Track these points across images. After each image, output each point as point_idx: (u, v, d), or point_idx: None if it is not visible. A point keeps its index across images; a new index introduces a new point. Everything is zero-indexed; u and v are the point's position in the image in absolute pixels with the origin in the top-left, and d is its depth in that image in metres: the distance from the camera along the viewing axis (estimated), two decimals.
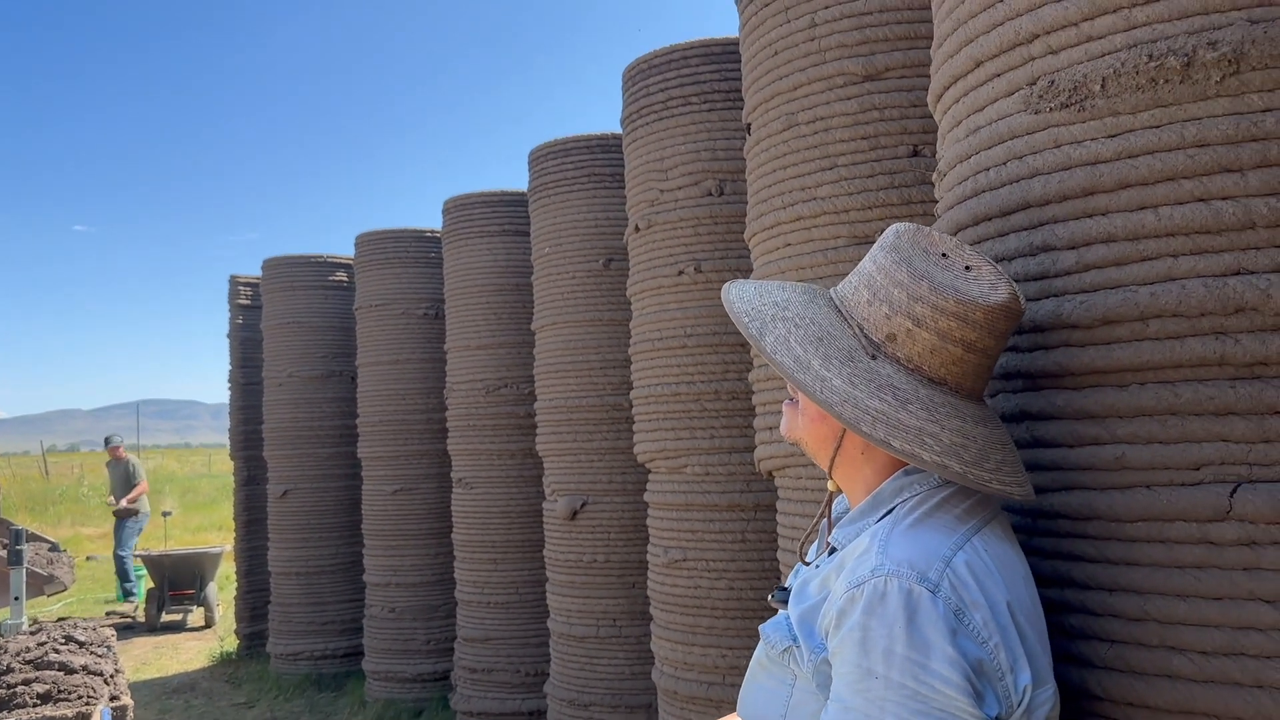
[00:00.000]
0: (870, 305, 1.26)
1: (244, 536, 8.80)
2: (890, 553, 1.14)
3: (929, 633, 1.07)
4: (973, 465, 1.17)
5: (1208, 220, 1.19)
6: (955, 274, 1.24)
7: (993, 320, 1.22)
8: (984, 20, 1.43)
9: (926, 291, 1.22)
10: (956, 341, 1.22)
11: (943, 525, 1.18)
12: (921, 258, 1.26)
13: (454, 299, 6.20)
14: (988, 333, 1.22)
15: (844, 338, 1.25)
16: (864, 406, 1.18)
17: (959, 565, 1.12)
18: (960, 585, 1.11)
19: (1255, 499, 1.14)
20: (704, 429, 3.76)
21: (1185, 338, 1.20)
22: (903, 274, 1.24)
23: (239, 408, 8.85)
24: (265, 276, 8.10)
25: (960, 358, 1.23)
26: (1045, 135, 1.34)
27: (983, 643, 1.09)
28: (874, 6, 2.57)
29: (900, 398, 1.19)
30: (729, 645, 3.59)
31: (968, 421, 1.21)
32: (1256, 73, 1.18)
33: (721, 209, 3.80)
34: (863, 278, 1.30)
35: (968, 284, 1.23)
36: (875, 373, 1.21)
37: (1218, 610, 1.16)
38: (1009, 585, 1.15)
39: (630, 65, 4.20)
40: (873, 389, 1.19)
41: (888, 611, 1.09)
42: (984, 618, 1.10)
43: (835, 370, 1.21)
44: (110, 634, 4.40)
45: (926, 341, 1.22)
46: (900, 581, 1.10)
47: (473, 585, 5.99)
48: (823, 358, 1.22)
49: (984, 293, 1.22)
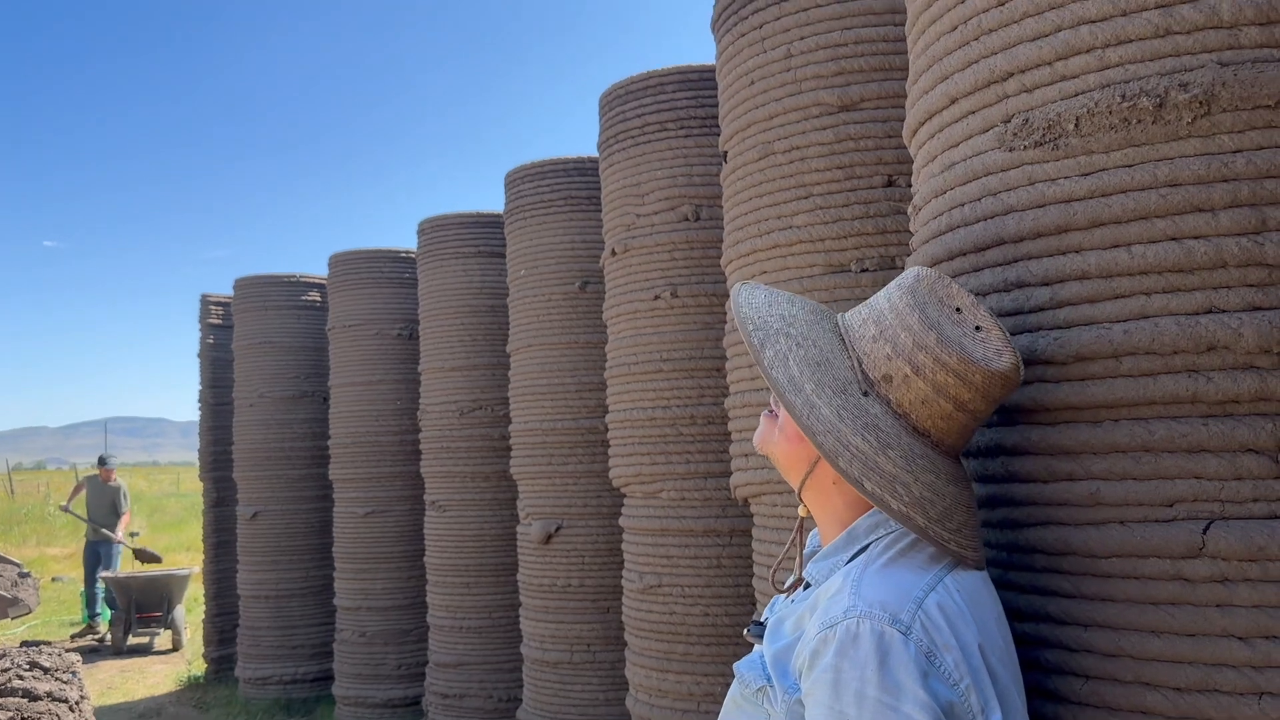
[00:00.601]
0: (874, 342, 1.26)
1: (213, 558, 8.70)
2: (863, 593, 1.14)
3: (900, 675, 1.07)
4: (935, 522, 1.18)
5: (1180, 259, 1.20)
6: (964, 331, 1.24)
7: (990, 385, 1.22)
8: (959, 58, 1.45)
9: (933, 343, 1.21)
10: (950, 398, 1.22)
11: (915, 565, 1.18)
12: (936, 308, 1.25)
13: (429, 320, 6.18)
14: (981, 396, 1.22)
15: (842, 368, 1.25)
16: (846, 441, 1.18)
17: (930, 607, 1.13)
18: (932, 627, 1.11)
19: (1228, 536, 1.15)
20: (679, 454, 3.76)
21: (1158, 375, 1.21)
22: (914, 319, 1.23)
23: (209, 428, 8.76)
24: (237, 296, 8.04)
25: (949, 414, 1.22)
26: (1020, 172, 1.35)
27: (954, 685, 1.09)
28: (849, 39, 2.59)
29: (882, 440, 1.19)
30: (704, 672, 3.58)
31: (940, 478, 1.21)
32: (1227, 114, 1.20)
33: (698, 234, 3.81)
34: (873, 312, 1.30)
35: (974, 344, 1.22)
36: (864, 410, 1.21)
37: (1191, 646, 1.17)
38: (980, 626, 1.15)
39: (608, 90, 4.21)
40: (858, 426, 1.20)
41: (860, 654, 1.09)
42: (955, 660, 1.10)
43: (826, 399, 1.21)
44: (76, 659, 4.34)
45: (920, 391, 1.22)
46: (872, 623, 1.10)
47: (445, 609, 5.95)
48: (816, 383, 1.22)
49: (987, 356, 1.22)
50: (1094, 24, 1.27)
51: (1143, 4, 1.24)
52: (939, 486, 1.20)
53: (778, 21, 2.71)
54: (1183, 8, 1.22)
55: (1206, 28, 1.21)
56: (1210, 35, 1.21)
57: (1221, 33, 1.21)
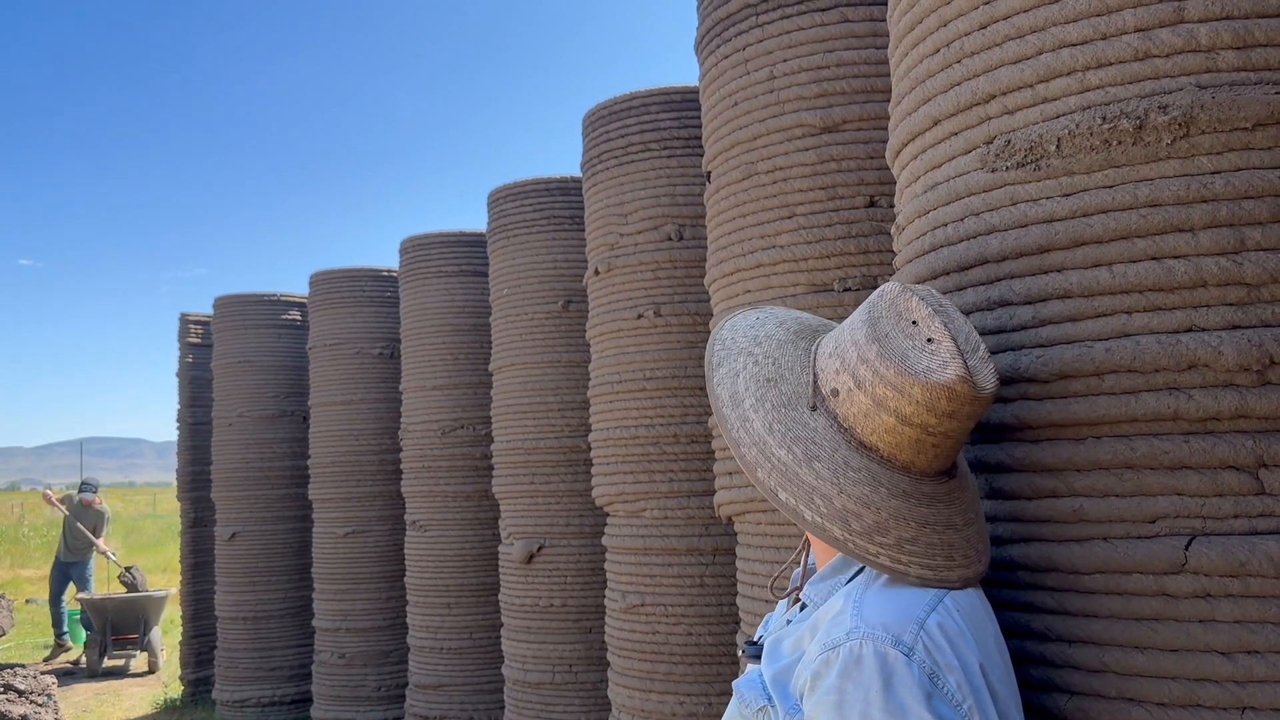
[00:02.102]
0: (829, 357, 1.25)
1: (190, 580, 8.60)
2: (865, 615, 1.13)
3: (905, 697, 1.07)
4: (859, 535, 1.15)
5: (1160, 278, 1.22)
6: (913, 344, 1.19)
7: (931, 398, 1.15)
8: (941, 80, 1.47)
9: (874, 355, 1.18)
10: (890, 411, 1.18)
11: (916, 585, 1.18)
12: (890, 320, 1.22)
13: (410, 339, 6.17)
14: (925, 409, 1.16)
15: (795, 383, 1.25)
16: (769, 453, 1.19)
17: (932, 627, 1.12)
18: (934, 648, 1.11)
19: (1210, 552, 1.16)
20: (663, 472, 3.76)
21: (1140, 393, 1.22)
22: (862, 334, 1.22)
23: (187, 448, 8.69)
24: (216, 314, 8.00)
25: (893, 428, 1.18)
26: (1002, 193, 1.37)
27: (957, 705, 1.09)
28: (832, 61, 2.62)
29: (810, 453, 1.18)
30: (686, 692, 3.57)
31: (881, 492, 1.17)
32: (1206, 136, 1.22)
33: (681, 253, 3.82)
34: (841, 327, 1.29)
35: (919, 356, 1.17)
36: (802, 424, 1.21)
37: (1174, 662, 1.18)
38: (981, 646, 1.15)
39: (591, 111, 4.23)
40: (787, 440, 1.20)
41: (863, 675, 1.09)
42: (958, 680, 1.10)
43: (763, 414, 1.22)
44: (51, 681, 4.29)
45: (862, 404, 1.19)
46: (875, 645, 1.10)
47: (425, 630, 5.91)
48: (758, 398, 1.23)
49: (929, 368, 1.16)
50: (1075, 47, 1.29)
51: (1123, 28, 1.26)
52: (874, 500, 1.16)
53: (761, 44, 2.73)
54: (1162, 32, 1.24)
55: (1185, 51, 1.23)
56: (1189, 59, 1.23)
57: (1200, 56, 1.23)
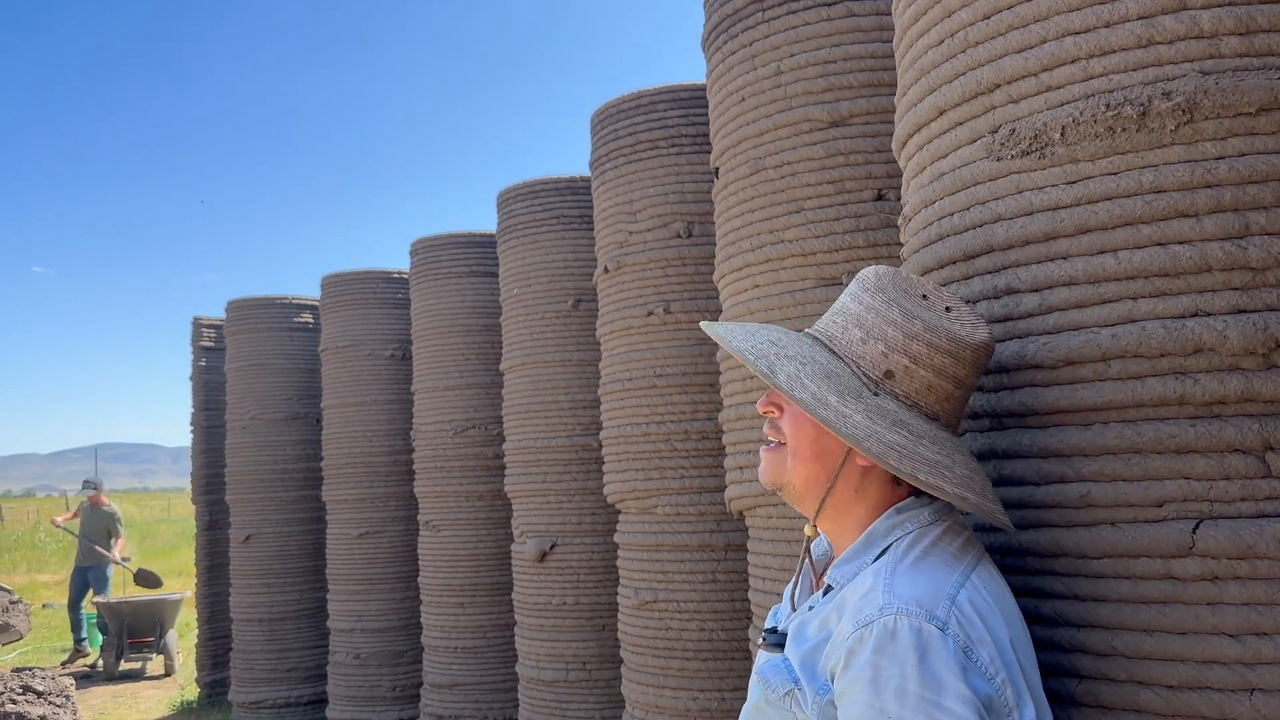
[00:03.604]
0: (864, 344, 1.28)
1: (206, 582, 8.65)
2: (897, 591, 1.15)
3: (941, 671, 1.08)
4: (983, 498, 1.23)
5: (1165, 264, 1.23)
6: (939, 314, 1.30)
7: (978, 357, 1.28)
8: (946, 70, 1.48)
9: (920, 330, 1.26)
10: (949, 378, 1.27)
11: (944, 562, 1.20)
12: (907, 299, 1.30)
13: (422, 340, 6.19)
14: (973, 369, 1.29)
15: (845, 375, 1.27)
16: (887, 441, 1.20)
17: (964, 603, 1.14)
18: (967, 623, 1.13)
19: (1217, 535, 1.17)
20: (674, 469, 3.77)
21: (1146, 378, 1.23)
22: (895, 314, 1.27)
23: (201, 451, 8.73)
24: (229, 318, 8.04)
25: (950, 394, 1.28)
26: (1007, 181, 1.38)
27: (990, 679, 1.11)
28: (838, 55, 2.62)
29: (914, 432, 1.23)
30: (700, 688, 3.58)
31: (965, 456, 1.26)
32: (1209, 122, 1.22)
33: (690, 251, 3.83)
34: (849, 318, 1.31)
35: (953, 324, 1.28)
36: (883, 409, 1.24)
37: (1182, 644, 1.19)
38: (1007, 621, 1.17)
39: (599, 110, 4.25)
40: (889, 423, 1.22)
41: (899, 650, 1.10)
42: (990, 655, 1.12)
43: (852, 406, 1.22)
44: (69, 683, 4.32)
45: (923, 379, 1.26)
46: (910, 620, 1.11)
47: (440, 630, 5.93)
48: (837, 394, 1.23)
49: (969, 331, 1.28)
50: (1078, 35, 1.30)
51: (1125, 15, 1.27)
52: (970, 464, 1.25)
53: (767, 39, 2.74)
54: (1164, 19, 1.25)
55: (1188, 38, 1.24)
56: (1192, 45, 1.24)
57: (1202, 43, 1.24)
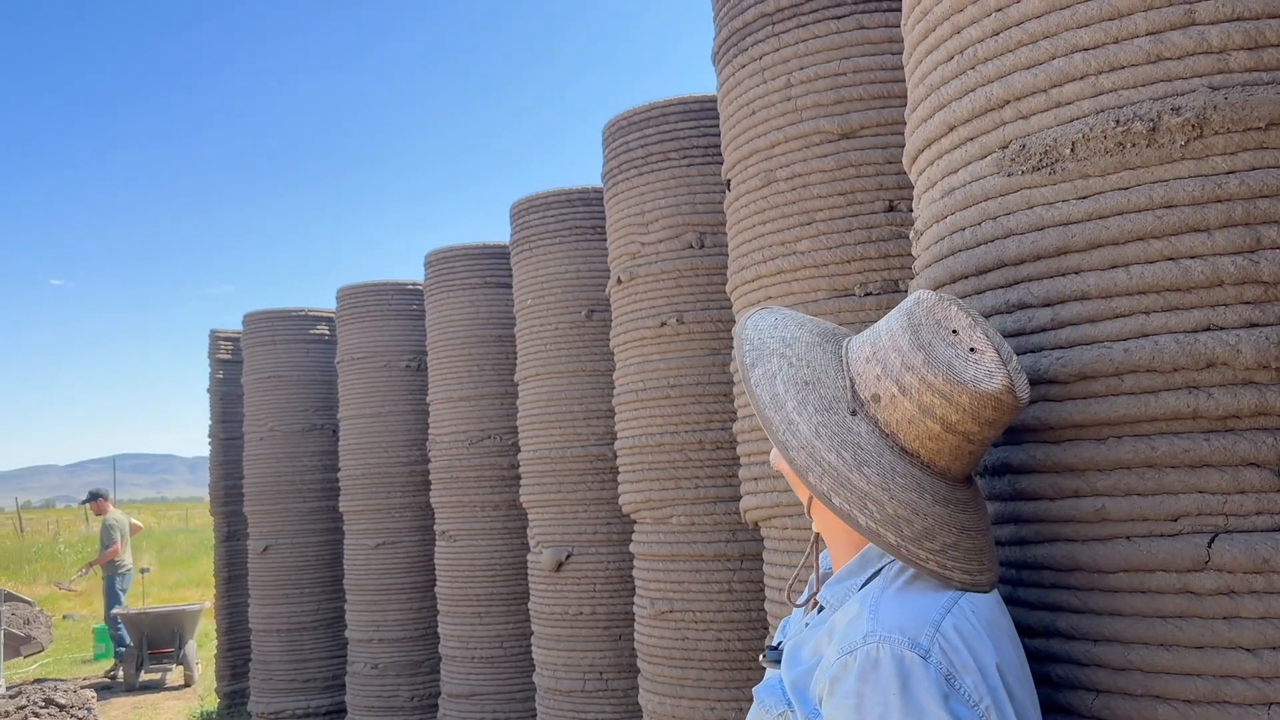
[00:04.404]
0: (867, 363, 1.27)
1: (224, 593, 8.70)
2: (881, 618, 1.15)
3: (923, 699, 1.09)
4: (910, 540, 1.17)
5: (1177, 278, 1.23)
6: (957, 353, 1.23)
7: (978, 407, 1.20)
8: (956, 86, 1.48)
9: (920, 363, 1.21)
10: (936, 419, 1.21)
11: (930, 588, 1.20)
12: (931, 329, 1.25)
13: (436, 351, 6.22)
14: (970, 417, 1.21)
15: (833, 387, 1.26)
16: (819, 458, 1.20)
17: (948, 629, 1.14)
18: (950, 650, 1.12)
19: (1233, 549, 1.17)
20: (689, 479, 3.78)
21: (1159, 392, 1.23)
22: (904, 341, 1.24)
23: (219, 463, 8.79)
24: (246, 331, 8.09)
25: (937, 435, 1.22)
26: (1018, 197, 1.38)
27: (974, 706, 1.11)
28: (848, 68, 2.63)
29: (859, 458, 1.20)
30: (717, 698, 3.58)
31: (925, 498, 1.20)
32: (1219, 136, 1.23)
33: (702, 261, 3.84)
34: (872, 334, 1.31)
35: (965, 365, 1.22)
36: (846, 428, 1.22)
37: (1199, 659, 1.19)
38: (996, 646, 1.17)
39: (611, 122, 4.26)
40: (834, 443, 1.21)
41: (881, 678, 1.10)
42: (975, 681, 1.12)
43: (806, 416, 1.22)
44: (91, 695, 4.35)
45: (906, 411, 1.22)
46: (892, 648, 1.11)
47: (457, 640, 5.94)
48: (799, 401, 1.23)
49: (977, 378, 1.21)
50: (1087, 51, 1.31)
51: (1134, 31, 1.28)
52: (921, 506, 1.19)
53: (777, 53, 2.75)
54: (1173, 34, 1.26)
55: (1197, 53, 1.25)
56: (1201, 60, 1.24)
57: (1211, 58, 1.24)
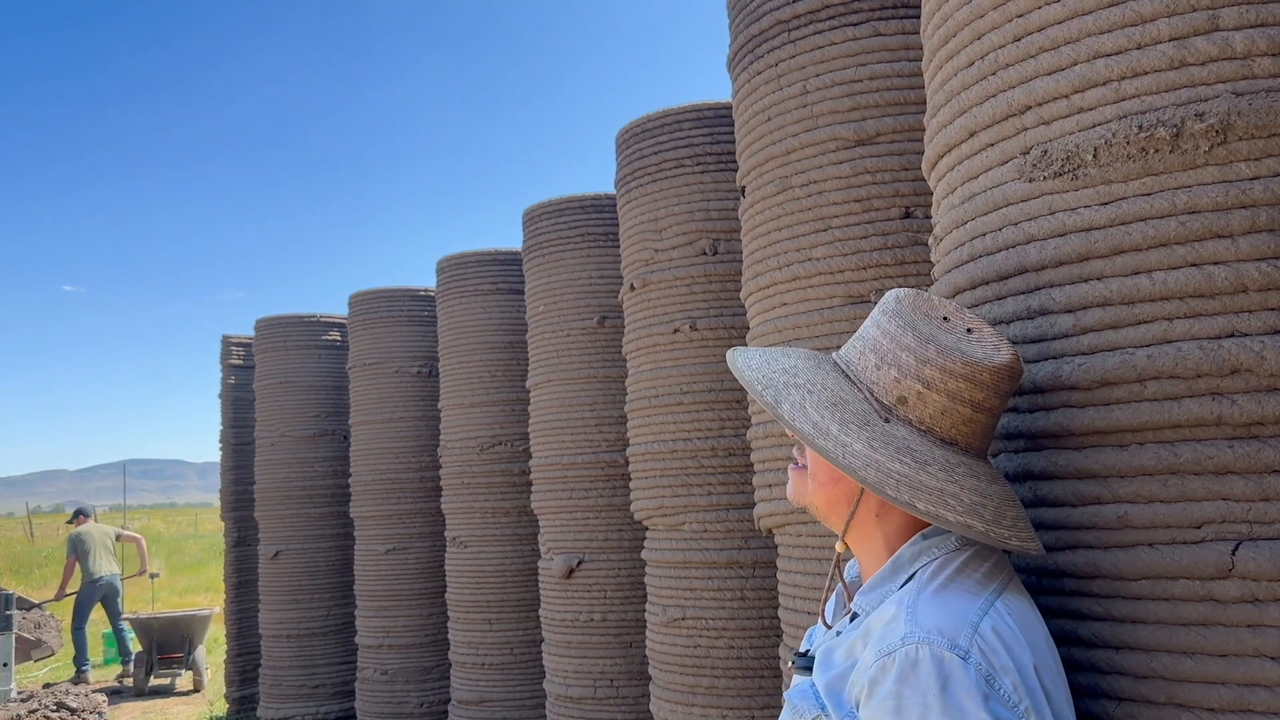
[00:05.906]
0: (879, 369, 1.29)
1: (234, 598, 8.71)
2: (919, 620, 1.15)
3: (963, 699, 1.08)
4: (993, 523, 1.20)
5: (1201, 284, 1.23)
6: (958, 337, 1.28)
7: (998, 380, 1.26)
8: (977, 92, 1.48)
9: (934, 355, 1.25)
10: (966, 402, 1.25)
11: (967, 590, 1.20)
12: (925, 322, 1.29)
13: (448, 357, 6.22)
14: (993, 393, 1.26)
15: (856, 402, 1.28)
16: (886, 470, 1.20)
17: (986, 630, 1.14)
18: (989, 650, 1.12)
19: (1257, 556, 1.16)
20: (701, 486, 3.77)
21: (1182, 399, 1.22)
22: (909, 338, 1.27)
23: (230, 468, 8.81)
24: (258, 336, 8.11)
25: (969, 418, 1.26)
26: (1040, 202, 1.38)
27: (1013, 707, 1.10)
28: (864, 75, 2.63)
29: (919, 459, 1.22)
30: (729, 705, 3.57)
31: (982, 480, 1.24)
32: (1243, 142, 1.22)
33: (716, 268, 3.85)
34: (867, 343, 1.33)
35: (971, 346, 1.27)
36: (891, 436, 1.24)
37: (1223, 667, 1.18)
38: (1033, 647, 1.17)
39: (624, 129, 4.27)
40: (892, 452, 1.22)
41: (920, 679, 1.10)
42: (1014, 682, 1.11)
43: (854, 435, 1.23)
44: (102, 700, 4.36)
45: (937, 403, 1.25)
46: (931, 649, 1.11)
47: (467, 646, 5.94)
48: (840, 422, 1.24)
49: (988, 354, 1.26)
50: (1109, 57, 1.30)
51: (1157, 37, 1.27)
52: (984, 489, 1.23)
53: (793, 59, 2.75)
54: (1197, 40, 1.25)
55: (1220, 59, 1.24)
56: (1224, 66, 1.24)
57: (1235, 63, 1.24)
